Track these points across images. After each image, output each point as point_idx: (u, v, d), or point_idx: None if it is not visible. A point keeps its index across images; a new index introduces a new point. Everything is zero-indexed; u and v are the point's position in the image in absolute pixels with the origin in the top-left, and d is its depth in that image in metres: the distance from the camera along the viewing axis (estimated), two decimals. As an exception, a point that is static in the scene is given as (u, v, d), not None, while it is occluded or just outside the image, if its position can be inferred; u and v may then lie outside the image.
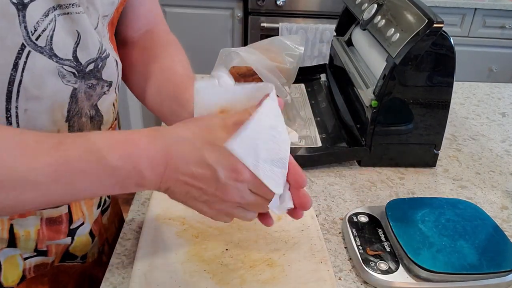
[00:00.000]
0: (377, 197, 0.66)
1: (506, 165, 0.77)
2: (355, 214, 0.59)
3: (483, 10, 2.16)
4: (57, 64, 0.44)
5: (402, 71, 0.65)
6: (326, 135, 0.79)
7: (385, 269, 0.50)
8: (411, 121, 0.70)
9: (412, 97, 0.68)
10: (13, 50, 0.40)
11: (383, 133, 0.71)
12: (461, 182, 0.71)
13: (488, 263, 0.50)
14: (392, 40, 0.66)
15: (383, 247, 0.54)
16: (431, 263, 0.49)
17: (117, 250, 0.55)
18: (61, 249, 0.54)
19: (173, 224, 0.57)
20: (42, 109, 0.44)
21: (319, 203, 0.64)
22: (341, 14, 0.96)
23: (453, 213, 0.57)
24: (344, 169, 0.73)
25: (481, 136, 0.86)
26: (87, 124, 0.50)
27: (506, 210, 0.65)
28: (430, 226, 0.54)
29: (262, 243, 0.54)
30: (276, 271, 0.50)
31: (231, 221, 0.45)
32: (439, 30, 0.62)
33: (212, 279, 0.49)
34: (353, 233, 0.56)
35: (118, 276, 0.51)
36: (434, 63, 0.65)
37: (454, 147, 0.82)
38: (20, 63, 0.41)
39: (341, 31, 0.96)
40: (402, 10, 0.69)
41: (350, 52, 0.88)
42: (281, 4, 2.04)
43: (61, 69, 0.44)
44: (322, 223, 0.60)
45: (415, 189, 0.69)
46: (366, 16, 0.78)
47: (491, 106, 1.01)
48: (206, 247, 0.53)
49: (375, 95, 0.68)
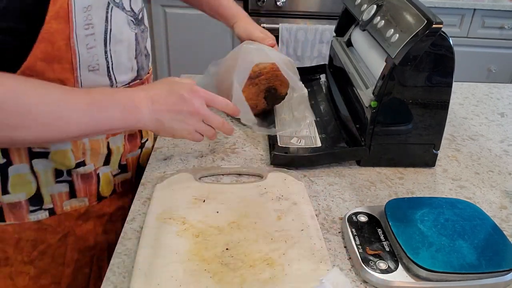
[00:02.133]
0: (377, 197, 0.67)
1: (505, 165, 0.77)
2: (355, 214, 0.59)
3: (482, 11, 2.17)
4: (126, 15, 0.61)
5: (401, 72, 0.66)
6: (326, 135, 0.79)
7: (384, 268, 0.51)
8: (410, 121, 0.70)
9: (412, 97, 0.68)
10: (104, 7, 0.57)
11: (382, 133, 0.71)
12: (460, 182, 0.72)
13: (487, 263, 0.50)
14: (392, 41, 0.66)
15: (383, 246, 0.54)
16: (430, 262, 0.50)
17: (118, 249, 0.55)
18: (135, 162, 0.74)
19: (173, 224, 0.57)
20: (123, 49, 0.62)
21: (319, 203, 0.64)
22: (340, 15, 0.96)
23: (452, 212, 0.57)
24: (344, 169, 0.73)
25: (480, 136, 0.87)
26: (144, 60, 0.69)
27: (505, 210, 0.65)
28: (429, 226, 0.55)
29: (262, 242, 0.55)
30: (276, 270, 0.51)
31: (203, 139, 0.66)
32: (438, 31, 0.62)
33: (213, 278, 0.49)
34: (352, 233, 0.56)
35: (119, 276, 0.51)
36: (433, 64, 0.65)
37: (453, 147, 0.82)
38: (109, 17, 0.58)
39: (341, 31, 0.97)
40: (401, 11, 0.69)
41: (349, 53, 0.88)
42: (281, 4, 2.05)
43: (128, 19, 0.62)
44: (322, 223, 0.60)
45: (414, 189, 0.69)
46: (366, 16, 0.78)
47: (490, 106, 1.01)
48: (207, 246, 0.54)
49: (375, 95, 0.69)
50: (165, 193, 0.63)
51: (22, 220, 0.62)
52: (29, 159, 0.60)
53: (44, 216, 0.63)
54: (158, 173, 0.69)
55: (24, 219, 0.62)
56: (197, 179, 0.66)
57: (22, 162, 0.60)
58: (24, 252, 0.64)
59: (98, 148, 0.65)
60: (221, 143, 0.78)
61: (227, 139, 0.80)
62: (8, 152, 0.59)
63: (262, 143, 0.79)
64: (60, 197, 0.64)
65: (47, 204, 0.63)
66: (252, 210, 0.60)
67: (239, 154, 0.75)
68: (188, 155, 0.74)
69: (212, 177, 0.68)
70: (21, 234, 0.63)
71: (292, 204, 0.62)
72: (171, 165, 0.72)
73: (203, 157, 0.74)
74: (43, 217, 0.63)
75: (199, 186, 0.65)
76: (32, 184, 0.61)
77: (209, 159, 0.74)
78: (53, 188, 0.63)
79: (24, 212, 0.62)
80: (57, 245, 0.66)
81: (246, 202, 0.62)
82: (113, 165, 0.69)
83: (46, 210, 0.64)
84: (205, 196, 0.63)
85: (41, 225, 0.64)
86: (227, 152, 0.76)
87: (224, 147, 0.77)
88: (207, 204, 0.61)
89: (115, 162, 0.69)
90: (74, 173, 0.64)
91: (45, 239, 0.64)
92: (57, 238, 0.65)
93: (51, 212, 0.64)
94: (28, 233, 0.63)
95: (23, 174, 0.60)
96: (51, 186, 0.63)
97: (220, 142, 0.79)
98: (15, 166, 0.59)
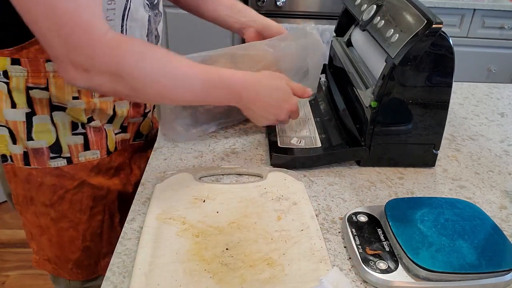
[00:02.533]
0: (377, 197, 0.67)
1: (505, 165, 0.77)
2: (355, 214, 0.59)
3: (482, 11, 2.17)
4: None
5: (401, 72, 0.66)
6: (326, 135, 0.79)
7: (384, 268, 0.51)
8: (410, 121, 0.71)
9: (412, 97, 0.68)
10: None
11: (382, 133, 0.71)
12: (460, 182, 0.72)
13: (487, 263, 0.50)
14: (392, 41, 0.66)
15: (383, 246, 0.54)
16: (430, 262, 0.50)
17: (118, 249, 0.55)
18: (135, 127, 0.81)
19: (173, 224, 0.57)
20: (136, 27, 0.69)
21: (318, 203, 0.64)
22: (340, 15, 0.96)
23: (452, 212, 0.57)
24: (344, 169, 0.73)
25: (480, 136, 0.87)
26: (154, 40, 0.76)
27: (505, 210, 0.65)
28: (429, 226, 0.55)
29: (262, 242, 0.55)
30: (276, 270, 0.51)
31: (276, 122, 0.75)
32: (438, 31, 0.62)
33: (213, 278, 0.49)
34: (352, 233, 0.56)
35: (119, 276, 0.51)
36: (433, 64, 0.65)
37: (453, 147, 0.82)
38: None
39: (341, 31, 0.97)
40: (401, 11, 0.69)
41: (349, 53, 0.88)
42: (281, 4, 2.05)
43: (144, 2, 0.70)
44: (321, 223, 0.60)
45: (414, 189, 0.69)
46: (366, 16, 0.78)
47: (490, 106, 1.01)
48: (207, 246, 0.54)
49: (375, 95, 0.69)
50: (165, 193, 0.63)
51: (43, 165, 0.70)
52: (49, 111, 0.67)
53: (62, 163, 0.71)
54: (158, 173, 0.69)
55: (46, 165, 0.70)
56: (197, 179, 0.66)
57: (44, 113, 0.67)
58: (45, 195, 0.72)
59: (105, 109, 0.72)
60: (221, 143, 0.78)
61: (227, 139, 0.80)
62: (32, 104, 0.66)
63: (262, 143, 0.79)
64: (76, 148, 0.72)
65: (65, 153, 0.71)
66: (252, 210, 0.60)
67: (239, 154, 0.75)
68: (188, 155, 0.74)
69: (212, 177, 0.68)
70: (43, 178, 0.71)
71: (292, 204, 0.62)
72: (171, 165, 0.72)
73: (203, 157, 0.74)
74: (61, 165, 0.71)
75: (199, 186, 0.65)
76: (52, 133, 0.69)
77: (209, 159, 0.74)
78: (70, 139, 0.71)
79: (45, 158, 0.70)
80: (74, 192, 0.74)
81: (246, 202, 0.62)
82: (115, 125, 0.76)
83: (64, 159, 0.71)
84: (205, 196, 0.63)
85: (60, 171, 0.72)
86: (227, 152, 0.76)
87: (224, 147, 0.77)
88: (207, 204, 0.61)
89: (118, 123, 0.77)
90: (88, 126, 0.71)
91: (64, 184, 0.73)
92: (74, 184, 0.73)
93: (69, 160, 0.72)
94: (49, 178, 0.71)
95: (45, 123, 0.68)
96: (68, 136, 0.70)
97: (220, 142, 0.79)
98: (38, 116, 0.67)
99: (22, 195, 0.73)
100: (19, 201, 0.74)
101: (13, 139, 0.69)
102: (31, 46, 0.61)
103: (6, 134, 0.68)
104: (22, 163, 0.70)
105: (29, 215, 0.75)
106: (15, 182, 0.72)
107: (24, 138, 0.68)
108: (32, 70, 0.63)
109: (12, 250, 1.73)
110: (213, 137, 0.80)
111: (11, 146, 0.69)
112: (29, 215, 0.75)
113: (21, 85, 0.64)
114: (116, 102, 0.73)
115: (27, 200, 0.74)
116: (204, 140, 0.79)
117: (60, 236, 0.76)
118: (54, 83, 0.65)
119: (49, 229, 0.76)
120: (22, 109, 0.66)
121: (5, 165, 0.71)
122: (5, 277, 1.62)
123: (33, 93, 0.65)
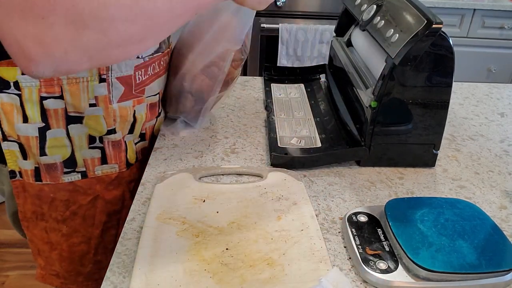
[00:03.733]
0: (377, 197, 0.67)
1: (505, 165, 0.77)
2: (355, 214, 0.59)
3: (482, 11, 2.17)
4: None
5: (401, 72, 0.66)
6: (326, 136, 0.79)
7: (384, 268, 0.51)
8: (410, 121, 0.71)
9: (412, 97, 0.68)
10: None
11: (382, 133, 0.71)
12: (460, 182, 0.72)
13: (487, 263, 0.50)
14: (391, 41, 0.66)
15: (383, 246, 0.54)
16: (430, 262, 0.50)
17: (118, 249, 0.55)
18: (151, 131, 0.79)
19: (173, 224, 0.57)
20: None
21: (318, 203, 0.64)
22: (340, 15, 0.96)
23: (452, 212, 0.57)
24: (344, 169, 0.73)
25: (480, 136, 0.87)
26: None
27: (505, 210, 0.65)
28: (429, 226, 0.55)
29: (262, 242, 0.55)
30: (276, 270, 0.51)
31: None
32: (438, 31, 0.62)
33: (212, 278, 0.49)
34: (352, 233, 0.56)
35: (119, 276, 0.51)
36: (433, 64, 0.65)
37: (453, 147, 0.82)
38: None
39: (341, 31, 0.97)
40: (401, 11, 0.69)
41: (349, 53, 0.88)
42: (281, 4, 2.05)
43: None
44: (321, 223, 0.60)
45: (414, 188, 0.69)
46: (366, 17, 0.78)
47: (490, 106, 1.01)
48: (206, 246, 0.54)
49: (375, 95, 0.69)
50: (165, 193, 0.63)
51: (56, 181, 0.69)
52: (65, 124, 0.65)
53: (76, 178, 0.70)
54: (158, 173, 0.69)
55: (59, 180, 0.69)
56: (197, 179, 0.66)
57: (60, 127, 0.65)
58: (58, 211, 0.71)
59: (126, 116, 0.70)
60: (221, 143, 0.78)
61: (227, 139, 0.80)
62: (47, 117, 0.64)
63: (262, 143, 0.79)
64: (93, 162, 0.70)
65: (80, 167, 0.69)
66: (252, 210, 0.60)
67: (239, 154, 0.75)
68: (188, 155, 0.74)
69: (212, 177, 0.68)
70: (56, 194, 0.69)
71: (292, 204, 0.62)
72: (171, 165, 0.72)
73: (203, 157, 0.74)
74: (75, 179, 0.70)
75: (199, 186, 0.65)
76: (67, 148, 0.67)
77: (209, 159, 0.74)
78: (86, 153, 0.69)
79: (59, 173, 0.68)
80: (87, 207, 0.72)
81: (246, 202, 0.62)
82: (136, 133, 0.74)
83: (79, 173, 0.70)
84: (205, 196, 0.63)
85: (73, 186, 0.70)
86: (227, 152, 0.76)
87: (224, 147, 0.77)
88: (207, 204, 0.61)
89: (138, 130, 0.75)
90: (106, 139, 0.69)
91: (77, 200, 0.71)
92: (87, 200, 0.71)
93: (83, 175, 0.70)
94: (62, 193, 0.69)
95: (59, 138, 0.66)
96: (84, 150, 0.68)
97: (220, 142, 0.79)
98: (52, 130, 0.65)
99: (31, 211, 0.71)
100: (27, 217, 0.72)
101: (23, 155, 0.66)
102: None
103: (17, 149, 0.66)
104: (33, 179, 0.68)
105: (37, 231, 0.73)
106: (24, 197, 0.70)
107: (36, 153, 0.65)
108: (44, 78, 0.61)
109: (12, 250, 1.73)
110: (213, 137, 0.80)
111: (21, 162, 0.67)
112: (37, 231, 0.73)
113: (34, 96, 0.62)
114: (135, 107, 0.71)
115: (37, 215, 0.71)
116: (204, 140, 0.79)
117: (71, 252, 0.75)
118: (69, 90, 0.63)
119: (60, 244, 0.74)
120: (34, 123, 0.64)
121: (13, 181, 0.68)
122: (5, 277, 1.62)
123: (47, 104, 0.63)
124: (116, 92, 0.67)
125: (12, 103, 0.62)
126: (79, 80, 0.63)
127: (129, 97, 0.69)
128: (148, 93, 0.73)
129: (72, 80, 0.63)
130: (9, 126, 0.64)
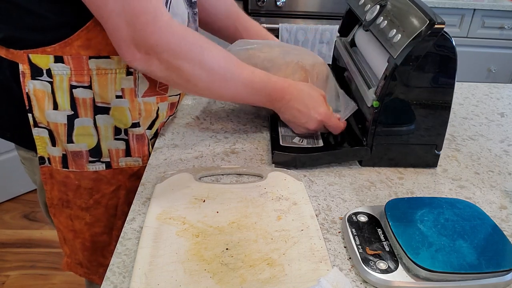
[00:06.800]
0: (377, 196, 0.67)
1: (505, 165, 0.77)
2: (355, 214, 0.59)
3: (482, 11, 2.17)
4: None
5: (403, 72, 0.65)
6: (328, 135, 0.79)
7: (384, 268, 0.51)
8: (412, 122, 0.70)
9: (414, 97, 0.68)
10: None
11: (384, 133, 0.71)
12: (460, 182, 0.72)
13: (487, 263, 0.50)
14: (394, 41, 0.66)
15: (383, 246, 0.54)
16: (430, 262, 0.50)
17: (118, 249, 0.55)
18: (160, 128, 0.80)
19: (173, 224, 0.57)
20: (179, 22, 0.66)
21: (318, 203, 0.64)
22: (344, 15, 0.96)
23: (452, 212, 0.57)
24: (344, 169, 0.73)
25: (480, 136, 0.87)
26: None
27: (505, 210, 0.65)
28: (429, 226, 0.55)
29: (262, 242, 0.55)
30: (276, 270, 0.51)
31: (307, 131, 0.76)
32: (441, 31, 0.62)
33: (212, 278, 0.49)
34: (352, 233, 0.56)
35: (119, 276, 0.51)
36: (435, 64, 0.65)
37: (453, 147, 0.82)
38: None
39: (345, 32, 0.97)
40: (404, 11, 0.69)
41: (352, 53, 0.88)
42: (281, 5, 2.05)
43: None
44: (321, 223, 0.60)
45: (414, 189, 0.69)
46: (369, 17, 0.78)
47: (490, 106, 1.01)
48: (207, 246, 0.54)
49: (377, 95, 0.69)
50: (165, 193, 0.63)
51: (82, 169, 0.71)
52: (93, 114, 0.67)
53: (101, 168, 0.72)
54: (158, 173, 0.69)
55: (84, 168, 0.71)
56: (197, 179, 0.66)
57: (87, 116, 0.67)
58: (82, 199, 0.73)
59: (150, 111, 0.72)
60: (221, 143, 0.78)
61: (227, 139, 0.80)
62: (75, 106, 0.66)
63: (262, 143, 0.79)
64: (117, 153, 0.72)
65: (105, 158, 0.72)
66: (252, 210, 0.60)
67: (239, 154, 0.75)
68: (188, 155, 0.74)
69: (212, 177, 0.68)
70: (81, 182, 0.72)
71: (292, 204, 0.62)
72: (171, 165, 0.72)
73: (203, 157, 0.74)
74: (100, 169, 0.72)
75: (199, 186, 0.65)
76: (93, 137, 0.69)
77: (209, 159, 0.74)
78: (111, 144, 0.71)
79: (84, 161, 0.70)
80: (110, 196, 0.74)
81: (246, 202, 0.62)
82: (153, 130, 0.76)
83: (104, 163, 0.72)
84: (205, 196, 0.63)
85: (97, 175, 0.72)
86: (227, 152, 0.76)
87: (224, 147, 0.77)
88: (207, 204, 0.61)
89: (155, 127, 0.77)
90: (130, 132, 0.71)
91: (100, 188, 0.73)
92: (110, 189, 0.74)
93: (108, 165, 0.72)
94: (86, 181, 0.72)
95: (86, 127, 0.68)
96: (110, 141, 0.70)
97: (220, 142, 0.79)
98: (80, 118, 0.67)
99: (57, 197, 0.73)
100: (54, 203, 0.74)
101: (52, 141, 0.68)
102: (74, 42, 0.61)
103: (46, 136, 0.68)
104: (60, 166, 0.70)
105: (63, 218, 0.75)
106: (51, 184, 0.72)
107: (64, 140, 0.68)
108: (75, 67, 0.63)
109: (12, 250, 1.73)
110: (213, 137, 0.80)
111: (50, 148, 0.69)
112: (63, 218, 0.75)
113: (64, 84, 0.64)
114: (159, 104, 0.74)
115: (63, 202, 0.73)
116: (204, 140, 0.79)
117: (93, 242, 0.77)
118: (97, 81, 0.65)
119: (83, 233, 0.76)
120: (64, 111, 0.66)
121: (42, 167, 0.71)
122: (5, 277, 1.62)
123: (77, 93, 0.65)
124: (141, 86, 0.69)
125: (44, 90, 0.64)
126: (108, 72, 0.65)
127: (153, 93, 0.71)
128: (171, 92, 0.75)
129: (101, 71, 0.64)
130: (40, 113, 0.66)
